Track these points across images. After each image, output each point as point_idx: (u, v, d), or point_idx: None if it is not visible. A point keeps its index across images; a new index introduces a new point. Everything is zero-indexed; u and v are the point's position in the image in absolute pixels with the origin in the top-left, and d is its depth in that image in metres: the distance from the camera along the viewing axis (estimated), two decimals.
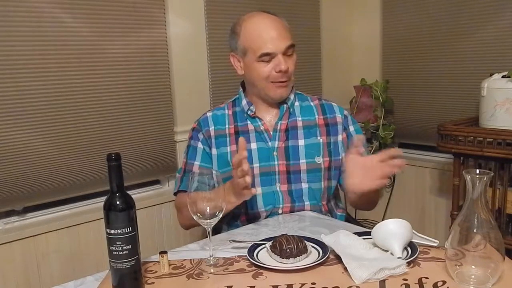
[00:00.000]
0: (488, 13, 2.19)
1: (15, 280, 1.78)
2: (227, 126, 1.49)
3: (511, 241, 1.82)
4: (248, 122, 1.48)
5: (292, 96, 1.50)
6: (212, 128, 1.49)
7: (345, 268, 0.96)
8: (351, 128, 1.52)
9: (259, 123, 1.47)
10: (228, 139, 1.47)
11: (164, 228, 2.17)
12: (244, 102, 1.49)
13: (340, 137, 1.49)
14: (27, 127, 1.74)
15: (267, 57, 1.38)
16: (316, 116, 1.50)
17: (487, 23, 2.21)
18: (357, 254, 1.01)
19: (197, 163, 1.48)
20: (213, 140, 1.48)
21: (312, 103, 1.53)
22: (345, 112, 1.53)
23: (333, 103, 1.54)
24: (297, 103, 1.51)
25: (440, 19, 2.38)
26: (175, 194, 1.51)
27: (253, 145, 1.46)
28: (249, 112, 1.47)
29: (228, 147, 1.46)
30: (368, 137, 2.63)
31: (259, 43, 1.37)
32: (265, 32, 1.38)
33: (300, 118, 1.49)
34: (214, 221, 1.04)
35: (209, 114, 1.53)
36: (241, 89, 1.53)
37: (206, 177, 1.02)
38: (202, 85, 2.20)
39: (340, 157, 1.49)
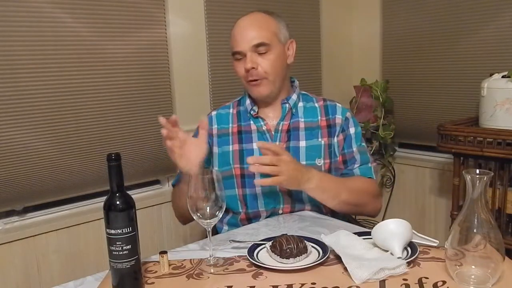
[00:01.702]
0: (488, 13, 2.19)
1: (15, 280, 1.78)
2: (230, 125, 1.50)
3: (511, 241, 1.82)
4: (251, 122, 1.48)
5: (295, 97, 1.49)
6: (215, 127, 1.50)
7: (345, 268, 0.96)
8: (351, 130, 1.50)
9: (262, 123, 1.48)
10: (230, 138, 1.48)
11: (164, 228, 2.16)
12: (247, 101, 1.49)
13: (336, 139, 1.48)
14: (27, 127, 1.74)
15: (238, 55, 1.41)
16: (319, 118, 1.49)
17: (487, 23, 2.21)
18: (357, 254, 1.01)
19: None
20: (214, 139, 1.49)
21: (316, 104, 1.52)
22: (347, 114, 1.51)
23: (337, 104, 1.53)
24: (300, 104, 1.51)
25: (440, 19, 2.38)
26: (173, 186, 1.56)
27: (255, 145, 1.46)
28: (251, 112, 1.48)
29: (231, 146, 1.47)
30: (368, 137, 2.63)
31: (233, 43, 1.42)
32: (237, 32, 1.41)
33: (302, 119, 1.48)
34: (214, 221, 1.04)
35: (213, 113, 1.55)
36: None
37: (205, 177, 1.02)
38: (202, 85, 2.20)
39: (337, 159, 1.49)
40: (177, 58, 2.10)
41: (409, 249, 1.04)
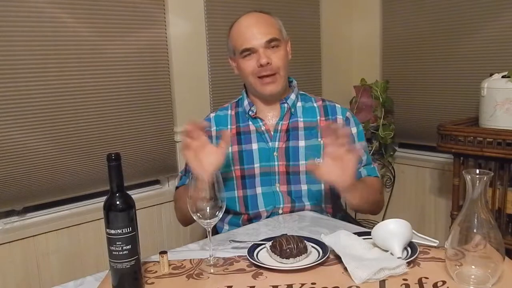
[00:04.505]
0: (488, 13, 2.19)
1: (15, 280, 1.78)
2: (229, 126, 1.50)
3: (511, 241, 1.82)
4: (250, 122, 1.48)
5: (293, 96, 1.49)
6: (213, 129, 1.50)
7: (345, 268, 0.96)
8: (353, 130, 1.50)
9: (260, 123, 1.47)
10: (230, 139, 1.48)
11: (164, 228, 2.17)
12: (246, 102, 1.49)
13: None
14: (27, 127, 1.74)
15: (249, 52, 1.40)
16: (318, 118, 1.49)
17: (487, 23, 2.21)
18: (357, 254, 1.01)
19: None
20: (214, 141, 1.49)
21: (315, 104, 1.52)
22: (348, 114, 1.51)
23: (336, 104, 1.53)
24: (299, 104, 1.51)
25: (440, 19, 2.38)
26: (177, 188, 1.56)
27: (254, 146, 1.46)
28: (250, 113, 1.48)
29: (230, 148, 1.46)
30: (368, 137, 2.63)
31: (241, 40, 1.41)
32: (246, 29, 1.41)
33: (301, 119, 1.48)
34: (214, 221, 1.04)
35: (212, 115, 1.54)
36: (244, 89, 1.53)
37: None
38: (202, 85, 2.20)
39: None
40: (177, 58, 2.10)
41: (409, 249, 1.04)
